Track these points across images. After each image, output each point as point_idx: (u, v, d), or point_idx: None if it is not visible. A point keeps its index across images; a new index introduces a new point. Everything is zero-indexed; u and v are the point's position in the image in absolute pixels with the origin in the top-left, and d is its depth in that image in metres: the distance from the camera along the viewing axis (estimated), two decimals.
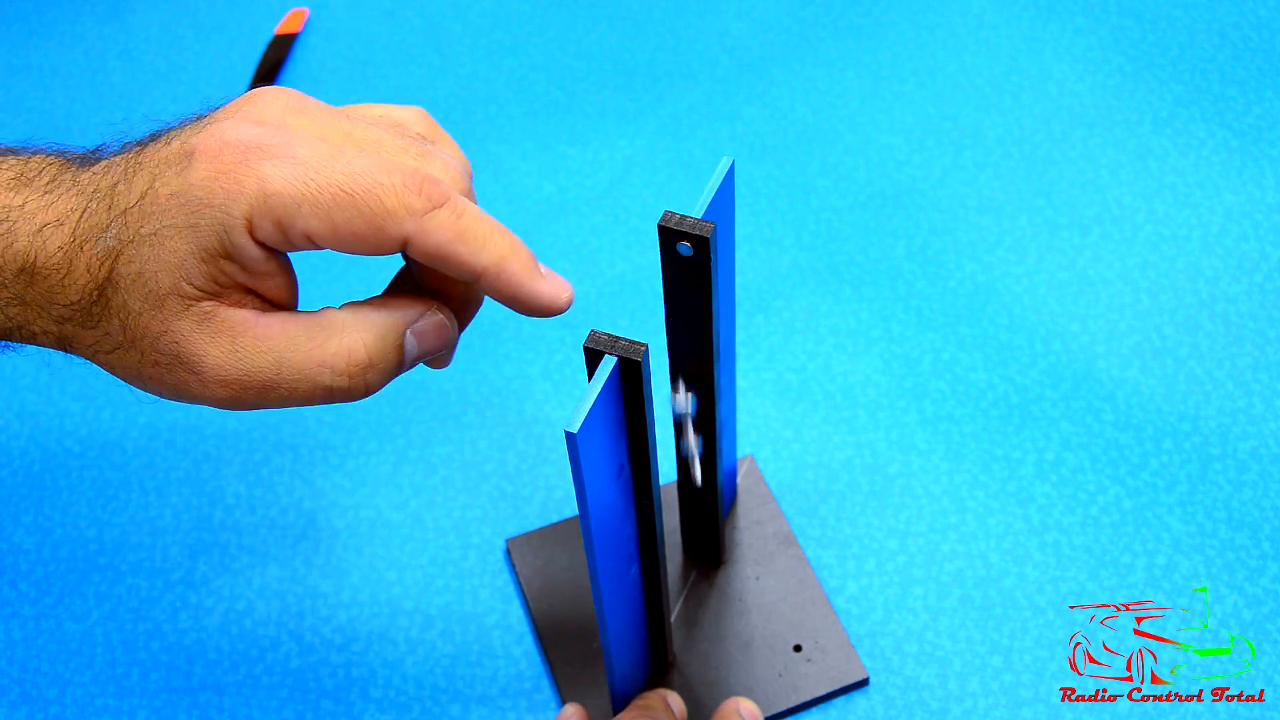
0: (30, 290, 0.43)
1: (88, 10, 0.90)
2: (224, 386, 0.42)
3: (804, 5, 0.87)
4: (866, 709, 0.59)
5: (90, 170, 0.44)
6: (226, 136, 0.41)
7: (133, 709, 0.61)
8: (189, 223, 0.41)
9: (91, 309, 0.43)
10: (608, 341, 0.42)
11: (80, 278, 0.42)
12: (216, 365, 0.42)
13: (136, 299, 0.42)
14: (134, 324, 0.42)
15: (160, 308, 0.42)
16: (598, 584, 0.48)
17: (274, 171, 0.41)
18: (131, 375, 0.44)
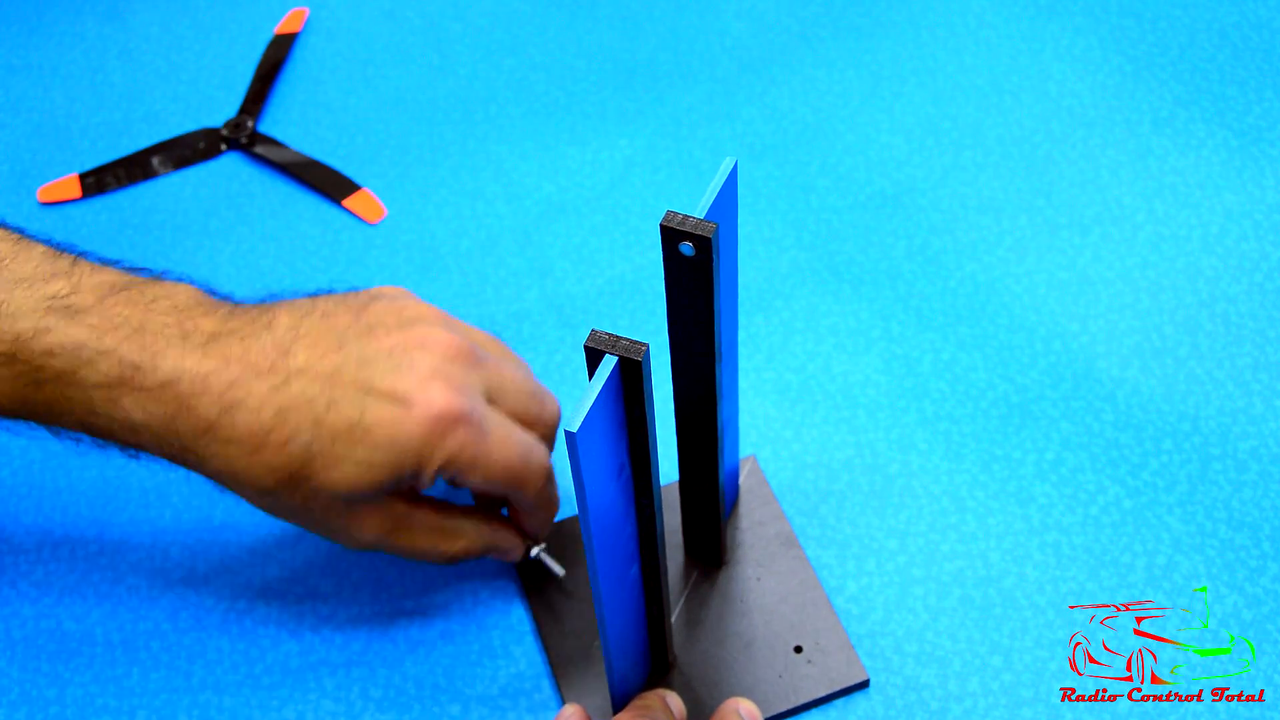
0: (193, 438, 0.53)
1: (88, 10, 0.90)
2: (362, 544, 0.56)
3: (804, 5, 0.87)
4: (867, 709, 0.59)
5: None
6: (433, 401, 0.52)
7: (133, 709, 0.61)
8: (394, 457, 0.52)
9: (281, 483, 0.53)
10: (608, 341, 0.42)
11: (270, 456, 0.52)
12: (371, 532, 0.55)
13: (323, 480, 0.52)
14: (311, 491, 0.53)
15: (347, 500, 0.54)
16: (598, 584, 0.48)
17: (467, 441, 0.53)
18: (268, 498, 0.53)
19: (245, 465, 0.51)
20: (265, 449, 0.51)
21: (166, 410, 0.51)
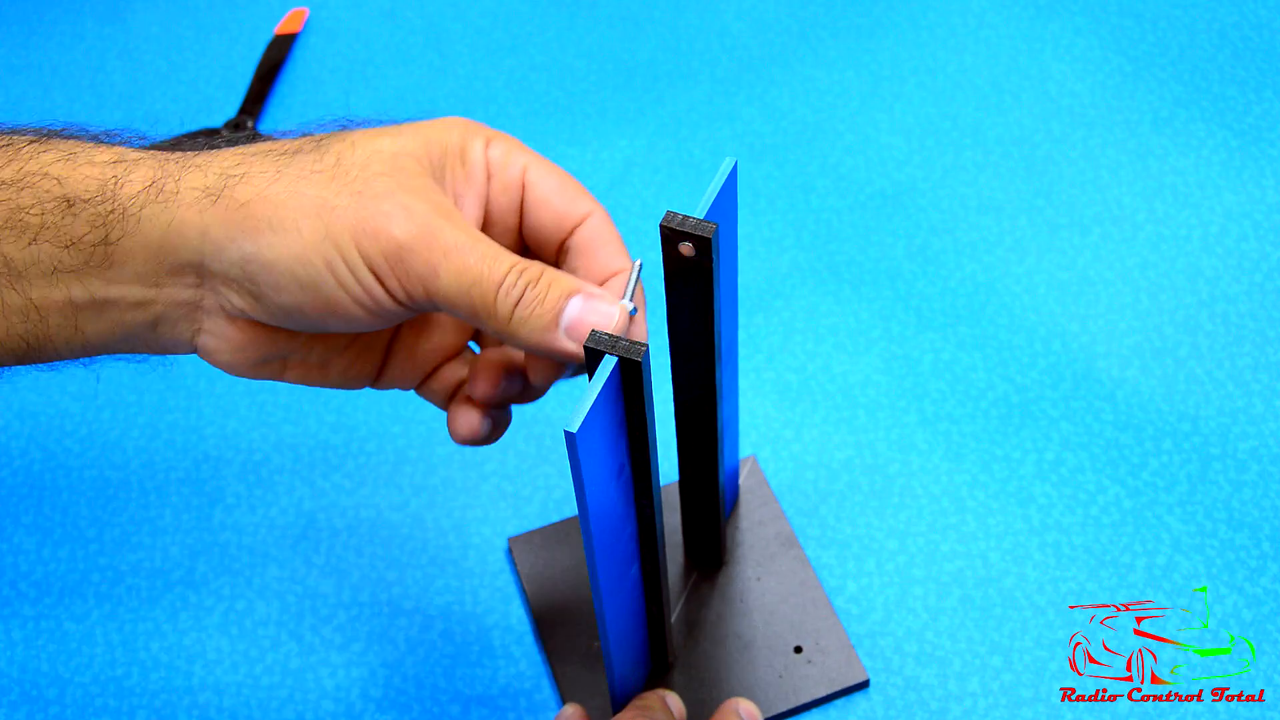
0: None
1: (88, 10, 0.90)
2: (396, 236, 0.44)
3: (804, 5, 0.87)
4: (867, 709, 0.59)
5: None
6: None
7: (133, 709, 0.61)
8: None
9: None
10: (608, 341, 0.42)
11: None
12: (421, 215, 0.45)
13: (369, 150, 0.46)
14: (357, 156, 0.45)
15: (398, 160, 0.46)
16: (598, 584, 0.48)
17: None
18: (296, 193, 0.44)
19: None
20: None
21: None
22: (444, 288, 0.44)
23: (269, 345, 0.47)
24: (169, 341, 0.46)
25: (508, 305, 0.44)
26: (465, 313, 0.45)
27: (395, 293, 0.44)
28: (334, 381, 0.50)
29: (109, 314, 0.44)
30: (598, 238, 0.49)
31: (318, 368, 0.49)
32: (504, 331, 0.45)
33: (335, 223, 0.43)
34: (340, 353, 0.50)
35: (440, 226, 0.44)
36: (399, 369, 0.52)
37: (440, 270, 0.44)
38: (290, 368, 0.49)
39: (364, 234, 0.43)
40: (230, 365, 0.47)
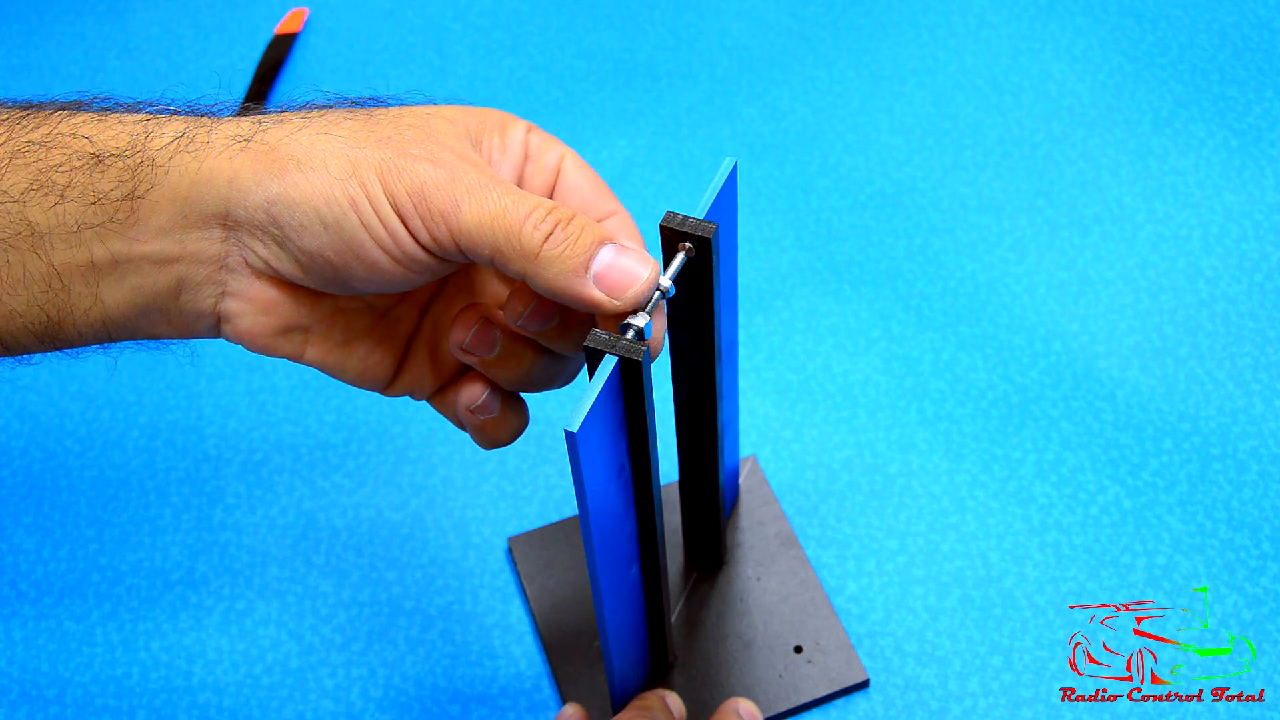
0: None
1: (88, 10, 0.90)
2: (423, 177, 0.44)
3: (804, 5, 0.87)
4: (867, 709, 0.59)
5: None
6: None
7: (133, 709, 0.61)
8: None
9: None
10: (608, 341, 0.42)
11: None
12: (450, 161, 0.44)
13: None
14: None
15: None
16: (598, 584, 0.48)
17: None
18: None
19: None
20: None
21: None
22: (466, 223, 0.43)
23: (292, 311, 0.46)
24: (191, 312, 0.45)
25: (535, 239, 0.43)
26: (489, 251, 0.43)
27: (418, 233, 0.43)
28: (353, 369, 0.48)
29: (131, 277, 0.43)
30: (621, 234, 0.48)
31: (339, 347, 0.48)
32: (528, 270, 0.43)
33: (362, 162, 0.43)
34: (363, 335, 0.48)
35: (466, 170, 0.43)
36: (418, 367, 0.50)
37: (463, 205, 0.43)
38: (311, 344, 0.47)
39: (389, 172, 0.43)
40: (251, 333, 0.45)
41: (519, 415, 0.50)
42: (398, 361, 0.49)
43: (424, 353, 0.50)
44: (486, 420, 0.49)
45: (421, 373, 0.50)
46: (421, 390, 0.50)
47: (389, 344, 0.49)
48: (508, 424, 0.49)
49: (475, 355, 0.47)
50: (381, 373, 0.49)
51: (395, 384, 0.50)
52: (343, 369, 0.48)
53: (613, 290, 0.43)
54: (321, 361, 0.48)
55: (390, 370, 0.49)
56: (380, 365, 0.49)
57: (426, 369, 0.50)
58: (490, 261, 0.43)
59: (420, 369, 0.50)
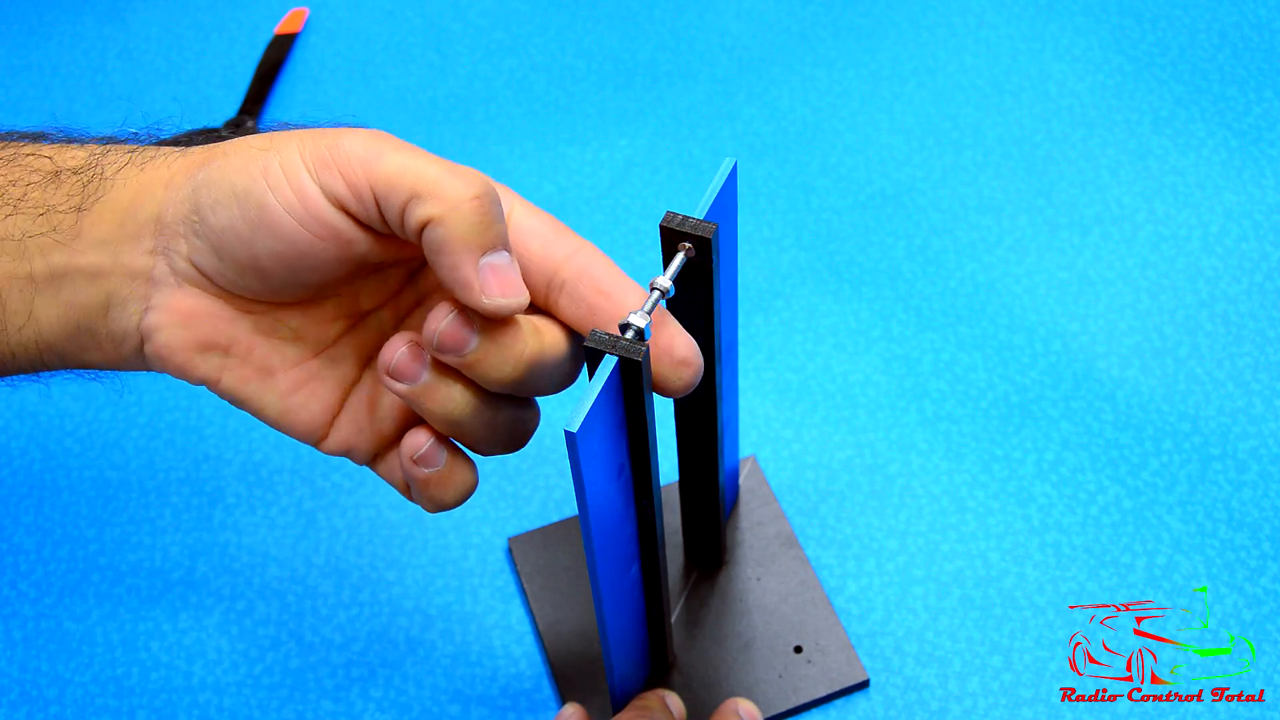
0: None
1: (88, 10, 0.90)
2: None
3: (804, 5, 0.87)
4: (867, 709, 0.59)
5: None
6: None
7: (133, 709, 0.61)
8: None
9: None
10: (608, 341, 0.42)
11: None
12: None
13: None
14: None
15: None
16: (597, 584, 0.48)
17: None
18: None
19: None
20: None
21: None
22: (388, 167, 0.41)
23: (211, 325, 0.44)
24: (118, 331, 0.44)
25: (463, 193, 0.40)
26: (405, 193, 0.40)
27: (329, 185, 0.41)
28: (274, 406, 0.45)
29: (65, 292, 0.43)
30: (592, 264, 0.45)
31: (259, 375, 0.45)
32: (440, 214, 0.40)
33: (286, 136, 0.42)
34: (287, 366, 0.45)
35: (396, 143, 0.42)
36: (356, 421, 0.46)
37: (388, 154, 0.41)
38: (229, 368, 0.44)
39: (310, 136, 0.42)
40: (170, 348, 0.43)
41: (467, 473, 0.45)
42: (330, 411, 0.46)
43: (363, 409, 0.47)
44: (430, 475, 0.45)
45: (359, 429, 0.46)
46: (360, 451, 0.47)
47: (318, 386, 0.46)
48: (453, 481, 0.45)
49: (401, 382, 0.43)
50: (308, 418, 0.46)
51: (329, 438, 0.46)
52: (263, 404, 0.45)
53: (487, 286, 0.41)
54: (240, 392, 0.45)
55: (319, 419, 0.46)
56: (306, 409, 0.46)
57: (365, 426, 0.46)
58: (401, 212, 0.41)
59: (358, 425, 0.46)
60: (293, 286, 0.43)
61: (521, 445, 0.46)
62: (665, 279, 0.44)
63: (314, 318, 0.46)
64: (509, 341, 0.42)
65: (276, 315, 0.45)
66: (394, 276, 0.47)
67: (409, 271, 0.47)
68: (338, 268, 0.43)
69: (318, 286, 0.44)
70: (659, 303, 0.44)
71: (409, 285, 0.47)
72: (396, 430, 0.47)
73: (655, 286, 0.44)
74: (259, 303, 0.44)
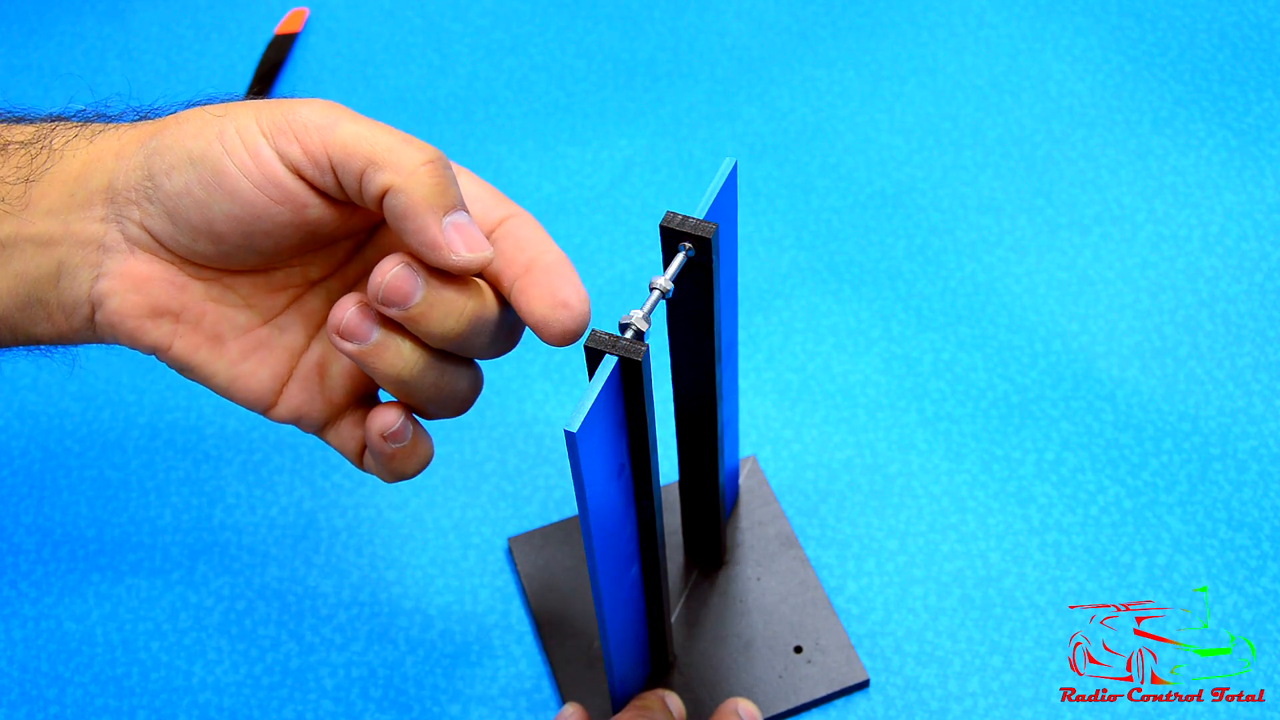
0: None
1: (88, 10, 0.90)
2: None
3: (804, 5, 0.87)
4: (867, 709, 0.59)
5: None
6: None
7: (133, 709, 0.61)
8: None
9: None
10: (608, 341, 0.42)
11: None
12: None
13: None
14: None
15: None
16: (597, 584, 0.48)
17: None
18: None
19: None
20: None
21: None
22: (343, 134, 0.42)
23: (163, 290, 0.44)
24: (69, 301, 0.44)
25: (417, 159, 0.41)
26: (361, 161, 0.42)
27: (285, 150, 0.42)
28: (223, 374, 0.46)
29: (15, 262, 0.43)
30: (520, 227, 0.46)
31: (209, 343, 0.45)
32: (397, 182, 0.41)
33: (240, 108, 0.43)
34: (237, 334, 0.46)
35: (350, 113, 0.43)
36: (305, 391, 0.47)
37: (343, 122, 0.42)
38: (180, 335, 0.45)
39: (266, 106, 0.43)
40: (121, 314, 0.44)
41: (426, 444, 0.47)
42: (278, 379, 0.47)
43: (312, 376, 0.47)
44: (397, 449, 0.46)
45: (309, 398, 0.47)
46: (310, 419, 0.48)
47: (267, 354, 0.47)
48: (417, 454, 0.47)
49: (351, 342, 0.43)
50: (256, 385, 0.46)
51: (278, 405, 0.47)
52: (212, 371, 0.46)
53: (454, 244, 0.42)
54: (190, 359, 0.45)
55: (268, 386, 0.47)
56: (255, 376, 0.46)
57: (315, 394, 0.47)
58: (358, 180, 0.42)
59: (308, 393, 0.47)
60: (245, 251, 0.44)
61: (466, 409, 0.48)
62: (665, 279, 0.44)
63: (263, 286, 0.46)
64: (452, 295, 0.43)
65: (227, 282, 0.46)
66: (342, 248, 0.48)
67: (356, 243, 0.48)
68: (290, 233, 0.44)
69: (270, 253, 0.45)
70: (659, 303, 0.44)
71: (356, 256, 0.48)
72: (346, 398, 0.48)
73: (655, 286, 0.44)
74: (210, 269, 0.45)
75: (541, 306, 0.45)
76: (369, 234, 0.48)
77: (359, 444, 0.48)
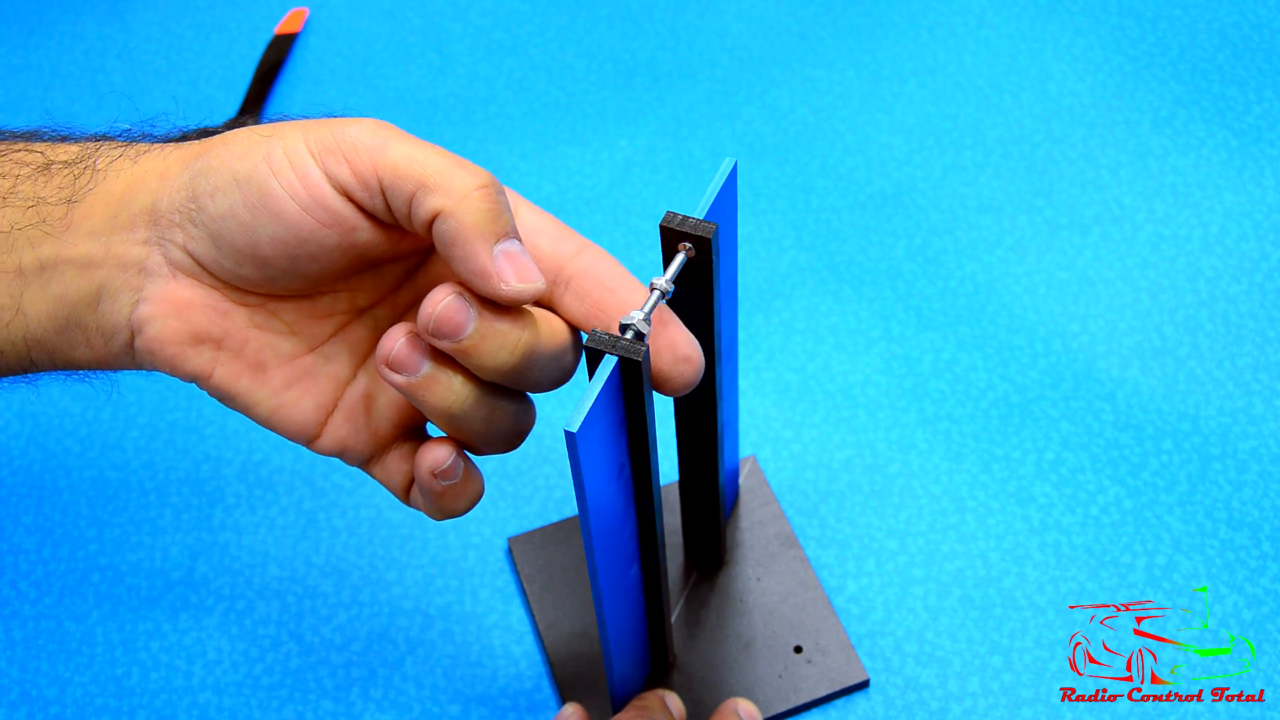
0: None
1: (88, 10, 0.90)
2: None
3: (804, 5, 0.87)
4: (867, 709, 0.59)
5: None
6: None
7: (133, 709, 0.61)
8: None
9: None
10: (608, 341, 0.42)
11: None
12: None
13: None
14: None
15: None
16: (598, 584, 0.48)
17: None
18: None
19: None
20: None
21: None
22: (394, 156, 0.41)
23: (204, 316, 0.43)
24: (109, 325, 0.43)
25: (469, 183, 0.40)
26: (412, 185, 0.41)
27: (334, 172, 0.41)
28: (266, 403, 0.45)
29: (54, 285, 0.42)
30: (597, 262, 0.45)
31: (251, 371, 0.44)
32: (448, 206, 0.40)
33: (288, 128, 0.42)
34: (281, 362, 0.45)
35: (400, 133, 0.42)
36: (351, 422, 0.46)
37: (393, 144, 0.41)
38: (222, 362, 0.44)
39: (314, 126, 0.42)
40: (161, 340, 0.43)
41: (477, 480, 0.46)
42: (323, 410, 0.45)
43: (359, 407, 0.46)
44: (448, 487, 0.44)
45: (355, 430, 0.46)
46: (355, 452, 0.46)
47: (312, 384, 0.45)
48: (467, 492, 0.45)
49: (401, 374, 0.42)
50: (300, 416, 0.45)
51: (322, 437, 0.46)
52: (254, 400, 0.44)
53: (504, 274, 0.40)
54: (231, 387, 0.44)
55: (312, 417, 0.45)
56: (299, 407, 0.45)
57: (361, 426, 0.46)
58: (408, 203, 0.41)
59: (353, 425, 0.46)
60: (291, 276, 0.43)
61: (518, 444, 0.46)
62: (665, 279, 0.44)
63: (309, 313, 0.45)
64: (506, 328, 0.41)
65: (271, 308, 0.44)
66: (391, 274, 0.46)
67: (407, 269, 0.47)
68: (338, 257, 0.43)
69: (316, 278, 0.43)
70: (659, 303, 0.44)
71: (406, 283, 0.47)
72: (393, 431, 0.46)
73: (655, 287, 0.44)
74: (254, 294, 0.44)
75: (663, 362, 0.44)
76: (420, 260, 0.47)
77: (406, 479, 0.46)
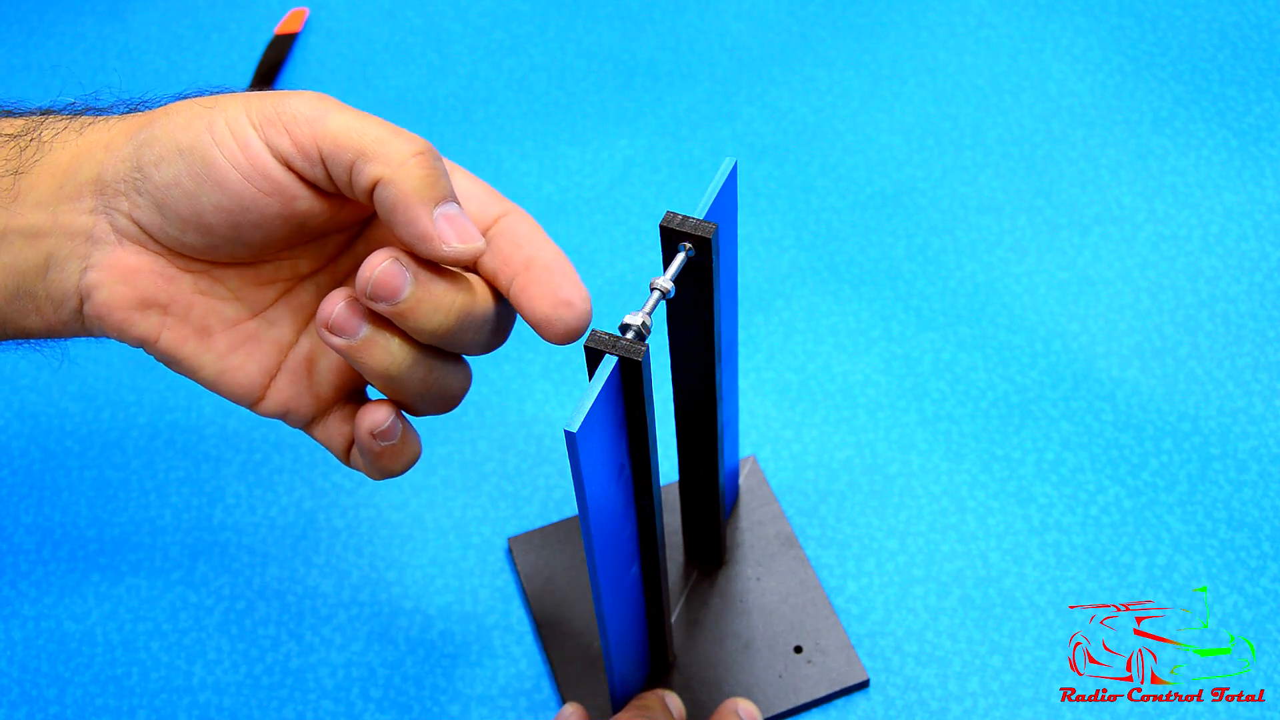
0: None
1: (88, 10, 0.90)
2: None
3: (804, 5, 0.87)
4: (866, 709, 0.59)
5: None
6: None
7: (133, 709, 0.61)
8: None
9: None
10: (608, 341, 0.42)
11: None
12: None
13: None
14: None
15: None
16: (598, 584, 0.48)
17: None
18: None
19: None
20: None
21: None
22: (333, 126, 0.42)
23: (151, 282, 0.44)
24: (57, 293, 0.44)
25: (407, 150, 0.42)
26: (351, 153, 0.42)
27: (275, 142, 0.42)
28: (210, 367, 0.46)
29: (3, 253, 0.43)
30: (517, 224, 0.47)
31: (197, 335, 0.45)
32: (388, 174, 0.41)
33: (229, 100, 0.43)
34: (226, 326, 0.46)
35: (339, 105, 0.43)
36: (293, 385, 0.47)
37: (332, 115, 0.42)
38: (169, 327, 0.45)
39: (255, 98, 0.43)
40: (109, 306, 0.44)
41: (414, 442, 0.47)
42: (266, 373, 0.47)
43: (301, 370, 0.47)
44: (386, 447, 0.46)
45: (297, 392, 0.47)
46: (298, 413, 0.47)
47: (256, 347, 0.46)
48: (405, 451, 0.47)
49: (340, 337, 0.43)
50: (244, 379, 0.46)
51: (266, 399, 0.47)
52: (200, 364, 0.46)
53: (445, 235, 0.42)
54: (178, 351, 0.45)
55: (256, 379, 0.46)
56: (243, 370, 0.46)
57: (303, 388, 0.47)
58: (348, 171, 0.42)
59: (296, 387, 0.47)
60: (234, 244, 0.44)
61: (454, 405, 0.48)
62: (665, 279, 0.44)
63: (252, 279, 0.46)
64: (441, 291, 0.43)
65: (216, 275, 0.46)
66: (332, 242, 0.48)
67: (347, 238, 0.48)
68: (280, 225, 0.44)
69: (259, 245, 0.45)
70: (659, 303, 0.44)
71: (347, 250, 0.48)
72: (334, 394, 0.48)
73: (655, 287, 0.44)
74: (199, 261, 0.45)
75: (543, 305, 0.45)
76: (360, 228, 0.48)
77: (346, 440, 0.48)
